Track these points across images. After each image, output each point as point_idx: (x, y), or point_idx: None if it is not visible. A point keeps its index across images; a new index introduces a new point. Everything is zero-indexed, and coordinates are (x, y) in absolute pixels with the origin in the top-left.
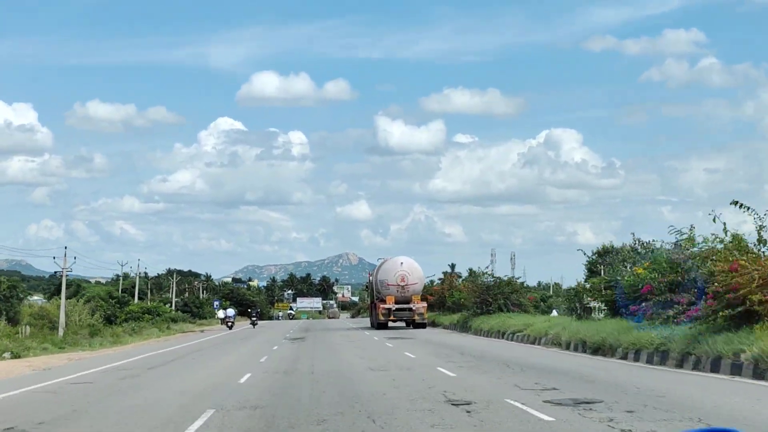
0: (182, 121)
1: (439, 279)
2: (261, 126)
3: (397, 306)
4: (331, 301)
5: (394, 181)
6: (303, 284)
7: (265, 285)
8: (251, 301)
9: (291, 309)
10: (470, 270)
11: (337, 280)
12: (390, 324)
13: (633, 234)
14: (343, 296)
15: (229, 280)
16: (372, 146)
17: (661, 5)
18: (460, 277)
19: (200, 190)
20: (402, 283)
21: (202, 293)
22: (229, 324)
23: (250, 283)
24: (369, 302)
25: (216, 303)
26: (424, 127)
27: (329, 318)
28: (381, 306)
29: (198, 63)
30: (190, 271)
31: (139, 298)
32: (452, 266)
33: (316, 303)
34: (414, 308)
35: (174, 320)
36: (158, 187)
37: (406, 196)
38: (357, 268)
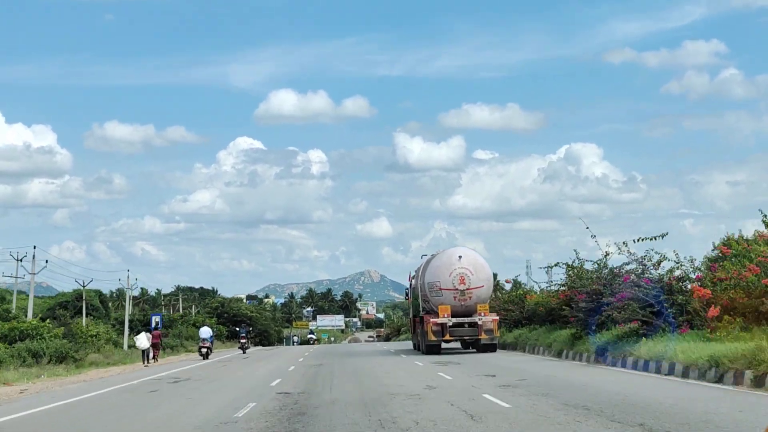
0: (202, 141)
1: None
2: (280, 145)
3: (455, 320)
4: (355, 319)
5: (414, 198)
6: (323, 301)
7: (282, 302)
8: (247, 317)
9: (311, 333)
10: (515, 281)
11: (360, 296)
12: (443, 345)
13: None
14: (367, 313)
15: (243, 297)
16: (391, 163)
17: (683, 18)
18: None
19: (220, 210)
20: (462, 287)
21: (192, 310)
22: (204, 351)
23: (266, 300)
24: (410, 316)
25: (156, 318)
26: (443, 143)
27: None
28: (431, 321)
29: (217, 83)
30: (201, 288)
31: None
32: (495, 275)
33: (338, 321)
34: (480, 322)
35: (38, 355)
36: (178, 207)
37: (426, 213)
38: (379, 285)
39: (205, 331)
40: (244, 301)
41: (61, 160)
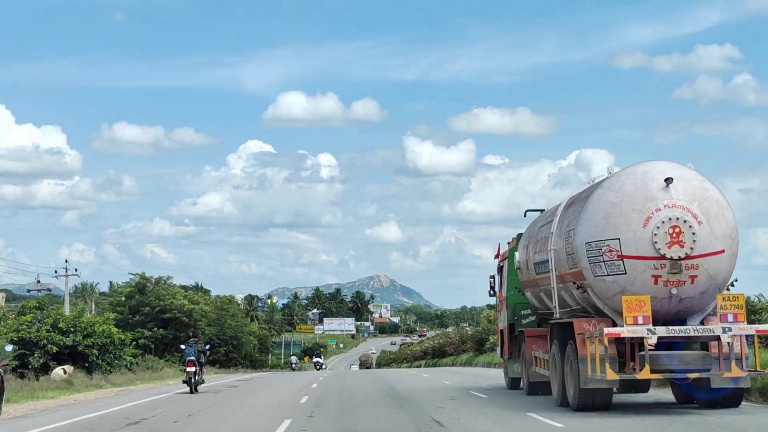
0: (212, 143)
1: None
2: (290, 148)
3: (665, 331)
4: (367, 323)
5: (423, 203)
6: (332, 302)
7: (284, 303)
8: (184, 313)
9: (318, 356)
10: None
11: (373, 297)
12: (612, 391)
13: None
14: (380, 317)
15: (241, 297)
16: (401, 167)
17: (697, 23)
18: None
19: (229, 213)
20: (675, 251)
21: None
22: None
23: (269, 300)
24: (501, 326)
25: None
26: (453, 147)
27: (362, 364)
28: (606, 332)
29: (228, 85)
30: (196, 285)
31: None
32: None
33: (347, 325)
34: (727, 339)
35: None
36: (188, 210)
37: (435, 218)
38: (389, 290)
39: None
40: (238, 301)
41: (71, 161)
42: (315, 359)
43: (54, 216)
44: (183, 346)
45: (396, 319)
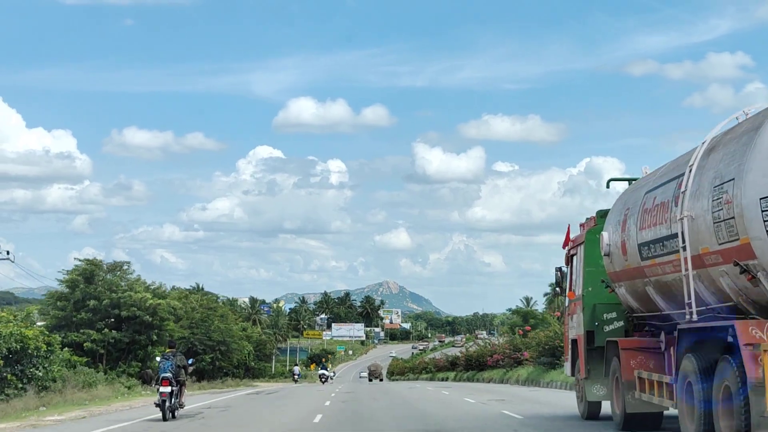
0: (221, 148)
1: None
2: (299, 154)
3: None
4: (377, 329)
5: (432, 210)
6: (341, 307)
7: (291, 308)
8: (147, 310)
9: (323, 367)
10: None
11: (383, 302)
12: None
13: None
14: (391, 322)
15: (246, 299)
16: (410, 174)
17: (709, 32)
18: None
19: (239, 219)
20: None
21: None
22: None
23: (275, 304)
24: (573, 333)
25: None
26: (463, 154)
27: (371, 374)
28: None
29: (238, 90)
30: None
31: None
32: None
33: (357, 330)
34: None
35: None
36: (197, 215)
37: (445, 225)
38: (398, 297)
39: None
40: (241, 304)
41: (81, 166)
42: (320, 371)
43: (64, 220)
44: (158, 359)
45: (407, 326)
